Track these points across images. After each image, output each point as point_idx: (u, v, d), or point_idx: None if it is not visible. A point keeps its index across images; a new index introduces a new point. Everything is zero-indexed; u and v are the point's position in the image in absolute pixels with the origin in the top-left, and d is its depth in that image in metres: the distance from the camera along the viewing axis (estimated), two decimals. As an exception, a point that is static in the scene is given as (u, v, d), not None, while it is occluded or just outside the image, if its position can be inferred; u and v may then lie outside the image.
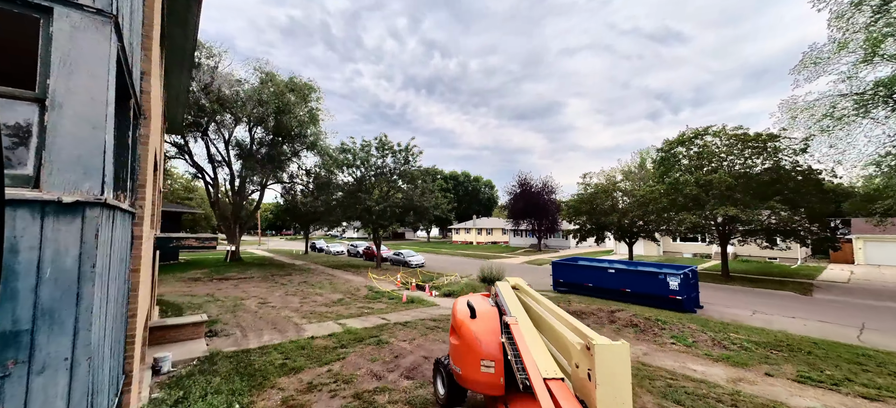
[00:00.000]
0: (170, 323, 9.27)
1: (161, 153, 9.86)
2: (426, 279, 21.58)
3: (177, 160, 31.92)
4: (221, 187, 32.17)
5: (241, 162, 31.37)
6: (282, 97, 29.72)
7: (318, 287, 19.45)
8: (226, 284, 20.57)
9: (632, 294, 16.49)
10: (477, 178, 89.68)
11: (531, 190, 49.65)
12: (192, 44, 8.34)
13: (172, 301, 15.40)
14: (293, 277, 23.28)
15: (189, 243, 9.77)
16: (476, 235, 68.85)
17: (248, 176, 31.52)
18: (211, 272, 25.42)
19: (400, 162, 28.44)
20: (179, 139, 28.70)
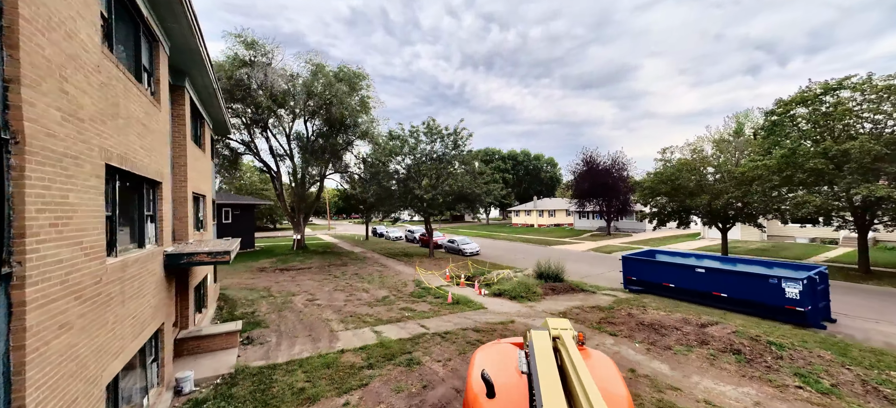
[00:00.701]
0: (203, 333, 9.17)
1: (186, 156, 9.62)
2: (478, 272, 20.14)
3: (246, 156, 34.21)
4: (285, 179, 33.91)
5: (300, 154, 32.60)
6: (331, 87, 29.88)
7: (368, 281, 19.17)
8: (285, 275, 21.39)
9: (729, 300, 13.22)
10: (538, 156, 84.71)
11: (598, 167, 44.75)
12: (194, 39, 7.64)
13: (232, 295, 16.11)
14: (347, 268, 23.54)
15: (200, 259, 9.46)
16: (537, 217, 65.28)
17: (306, 168, 32.69)
18: (277, 262, 26.98)
19: (448, 147, 26.96)
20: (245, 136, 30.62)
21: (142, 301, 5.68)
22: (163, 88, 7.18)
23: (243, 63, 26.38)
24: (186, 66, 9.12)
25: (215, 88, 10.83)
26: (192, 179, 10.12)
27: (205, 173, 12.23)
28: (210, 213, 13.44)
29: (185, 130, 9.48)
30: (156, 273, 6.43)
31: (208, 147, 13.26)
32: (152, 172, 6.33)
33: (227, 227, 33.36)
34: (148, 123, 6.14)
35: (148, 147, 6.08)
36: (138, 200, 6.09)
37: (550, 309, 13.49)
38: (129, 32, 5.82)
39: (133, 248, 5.78)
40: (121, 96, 4.95)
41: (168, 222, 7.28)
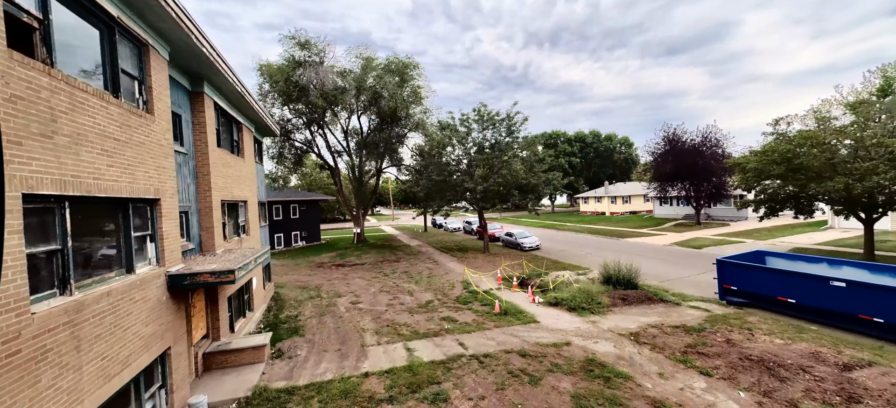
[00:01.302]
0: (231, 347, 8.93)
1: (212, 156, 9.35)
2: (533, 273, 18.06)
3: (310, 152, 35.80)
4: (343, 174, 34.85)
5: (356, 149, 33.10)
6: (381, 80, 29.49)
7: (415, 281, 18.34)
8: (338, 272, 21.63)
9: (887, 327, 9.50)
10: (609, 136, 76.87)
11: (683, 145, 38.31)
12: (194, 41, 7.01)
13: (284, 295, 16.45)
14: (398, 265, 23.09)
15: (204, 279, 8.87)
16: (609, 204, 59.28)
17: (362, 162, 33.11)
18: (336, 256, 27.77)
19: (502, 134, 24.81)
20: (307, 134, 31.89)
21: (122, 336, 5.14)
22: (159, 96, 6.66)
23: (298, 64, 27.14)
24: (202, 71, 8.73)
25: (241, 92, 10.46)
26: (221, 187, 9.90)
27: (243, 178, 12.19)
28: (254, 216, 13.55)
29: (207, 136, 9.18)
30: (151, 298, 5.95)
31: (249, 150, 13.27)
32: (139, 191, 5.79)
33: (295, 222, 35.50)
34: (127, 136, 5.55)
35: (127, 163, 5.50)
36: (123, 222, 5.58)
37: (618, 327, 11.11)
38: (94, 36, 5.20)
39: (114, 277, 5.26)
40: (62, 110, 4.26)
41: (173, 239, 6.85)
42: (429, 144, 27.56)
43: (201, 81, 9.06)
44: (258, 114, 12.95)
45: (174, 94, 8.18)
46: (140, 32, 6.06)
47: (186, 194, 8.40)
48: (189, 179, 8.62)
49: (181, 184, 8.19)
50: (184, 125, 8.51)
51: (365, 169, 34.22)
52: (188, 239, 8.44)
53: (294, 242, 35.27)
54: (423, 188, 27.52)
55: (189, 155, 8.70)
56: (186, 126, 8.66)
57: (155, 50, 6.61)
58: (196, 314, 8.61)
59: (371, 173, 36.46)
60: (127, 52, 5.92)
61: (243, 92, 10.71)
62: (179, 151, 8.15)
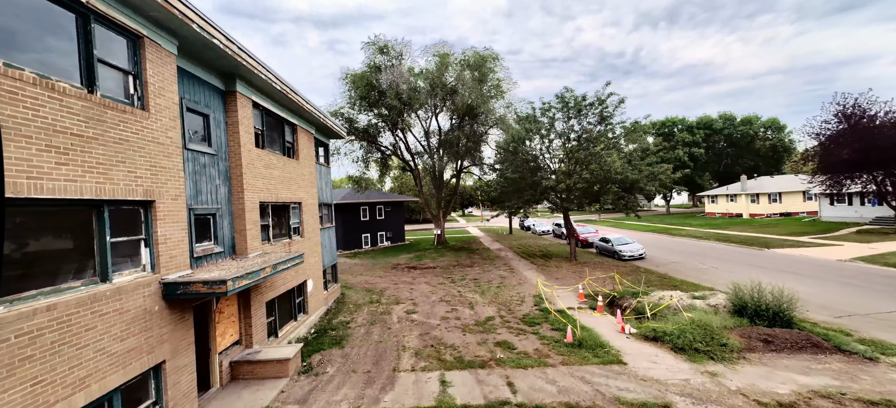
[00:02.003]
0: (257, 358, 8.46)
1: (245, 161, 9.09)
2: (628, 291, 14.30)
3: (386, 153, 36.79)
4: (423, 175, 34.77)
5: (435, 150, 32.60)
6: (457, 76, 28.26)
7: (481, 291, 16.37)
8: (408, 276, 20.99)
9: None
10: (748, 119, 61.59)
11: (873, 122, 27.31)
12: (203, 34, 6.51)
13: (348, 298, 16.30)
14: (471, 270, 21.38)
15: (196, 289, 8.27)
16: (747, 203, 47.10)
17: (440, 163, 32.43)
18: (412, 258, 27.54)
19: (592, 122, 20.97)
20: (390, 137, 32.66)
21: (75, 355, 4.61)
22: (159, 91, 6.28)
23: (377, 68, 27.76)
24: (232, 69, 8.46)
25: (282, 90, 10.14)
26: (260, 188, 9.65)
27: (295, 180, 12.05)
28: (312, 219, 13.47)
29: (240, 137, 8.93)
30: (130, 309, 5.47)
31: (306, 152, 13.22)
32: (118, 192, 5.33)
33: (380, 223, 36.84)
34: (99, 132, 5.09)
35: (96, 162, 5.03)
36: (98, 227, 5.15)
37: (757, 388, 7.35)
38: (59, 22, 4.79)
39: (69, 288, 4.78)
40: (-27, 100, 3.74)
41: (176, 244, 6.42)
42: (505, 140, 25.18)
43: (234, 80, 8.85)
44: (313, 115, 12.76)
45: (200, 93, 8.01)
46: (125, 21, 5.66)
47: (213, 196, 8.17)
48: (218, 180, 8.40)
49: (206, 185, 7.96)
50: (212, 125, 8.32)
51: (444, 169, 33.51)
52: (216, 242, 8.20)
53: (380, 242, 36.63)
54: (497, 187, 25.24)
55: (219, 156, 8.50)
56: (216, 126, 8.49)
57: (154, 42, 6.24)
58: (224, 320, 8.34)
59: (453, 174, 35.68)
60: (111, 42, 5.54)
61: (286, 90, 10.40)
62: (203, 152, 7.92)
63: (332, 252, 16.23)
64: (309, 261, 12.95)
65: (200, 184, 7.77)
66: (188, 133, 7.50)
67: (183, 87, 7.45)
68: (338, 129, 16.00)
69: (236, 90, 8.90)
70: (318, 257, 13.88)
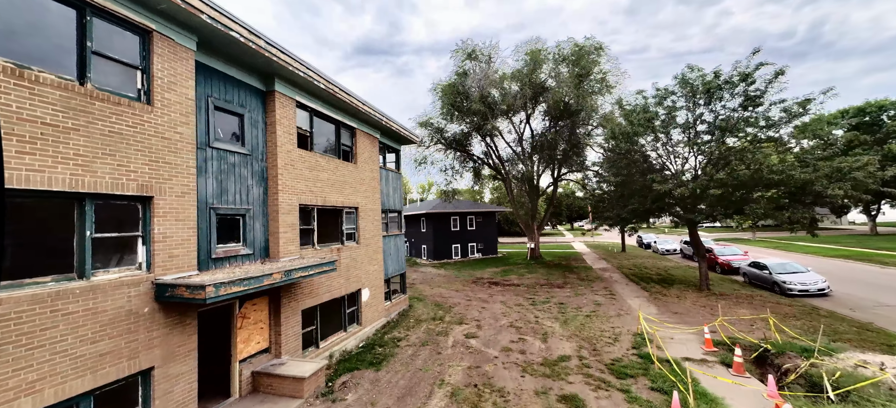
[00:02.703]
0: (276, 372, 7.81)
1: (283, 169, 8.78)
2: (795, 347, 9.41)
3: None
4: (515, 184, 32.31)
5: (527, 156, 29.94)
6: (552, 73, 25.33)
7: (564, 319, 13.32)
8: (486, 292, 18.99)
9: None
10: None
11: None
12: (219, 29, 6.24)
13: (412, 310, 15.28)
14: (560, 292, 18.13)
15: (180, 293, 7.73)
16: None
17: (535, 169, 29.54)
18: (498, 272, 25.34)
19: (734, 107, 15.62)
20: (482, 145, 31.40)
21: (31, 355, 4.34)
22: (168, 86, 6.13)
23: (465, 74, 26.90)
24: (268, 68, 8.25)
25: (329, 90, 9.72)
26: (301, 191, 9.28)
27: (349, 184, 11.60)
28: (372, 225, 12.90)
29: (277, 137, 8.67)
30: (108, 310, 5.17)
31: (366, 155, 12.77)
32: (103, 186, 5.13)
33: (471, 233, 35.60)
34: (81, 123, 4.94)
35: (74, 154, 4.86)
36: (78, 220, 4.99)
37: None
38: (50, 12, 4.78)
39: (35, 283, 4.60)
40: None
41: (178, 243, 6.14)
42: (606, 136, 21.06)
43: (272, 79, 8.67)
44: (371, 117, 12.25)
45: (234, 93, 7.94)
46: (128, 15, 5.57)
47: (242, 196, 7.96)
48: (250, 180, 8.21)
49: (235, 185, 7.78)
50: (246, 125, 8.20)
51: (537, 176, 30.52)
52: (244, 244, 7.95)
53: (470, 253, 35.35)
54: (599, 195, 21.13)
55: (253, 156, 8.33)
56: (252, 126, 8.35)
57: (165, 37, 6.14)
58: (249, 326, 7.98)
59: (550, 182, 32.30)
60: (112, 35, 5.49)
61: (333, 89, 9.97)
62: (233, 151, 7.77)
63: (398, 261, 15.51)
64: (366, 269, 12.32)
65: (227, 183, 7.59)
66: (213, 131, 7.39)
67: (211, 86, 7.40)
68: (407, 133, 15.34)
69: (274, 90, 8.70)
70: (378, 266, 13.21)
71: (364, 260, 12.29)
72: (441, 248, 33.74)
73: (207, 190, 7.16)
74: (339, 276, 10.86)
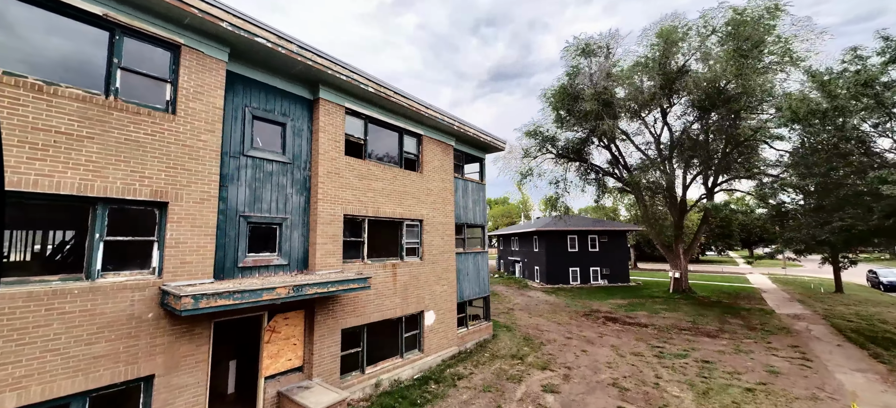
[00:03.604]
0: (294, 397, 7.06)
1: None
2: None
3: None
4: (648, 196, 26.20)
5: (663, 161, 23.89)
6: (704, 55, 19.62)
7: (703, 390, 8.99)
8: (596, 330, 15.19)
9: None
10: None
11: None
12: (252, 39, 6.25)
13: (493, 342, 13.13)
14: (707, 344, 12.90)
15: (169, 302, 7.34)
16: None
17: (672, 177, 23.30)
18: (623, 306, 20.45)
19: None
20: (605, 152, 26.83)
21: (19, 350, 4.56)
22: (193, 96, 6.29)
23: (578, 72, 23.45)
24: (310, 76, 8.07)
25: (380, 94, 9.10)
26: (344, 200, 8.77)
27: (410, 194, 10.66)
28: (442, 239, 11.62)
29: (318, 144, 8.36)
30: (109, 313, 5.24)
31: (435, 164, 11.69)
32: (115, 191, 5.35)
33: (593, 256, 30.54)
34: (95, 131, 5.25)
35: (87, 160, 5.15)
36: (92, 223, 5.26)
37: None
38: (83, 34, 5.28)
39: (55, 281, 4.89)
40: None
41: (191, 250, 6.09)
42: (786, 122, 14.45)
43: (317, 87, 8.47)
44: (439, 122, 11.18)
45: (275, 102, 7.95)
46: (156, 31, 5.89)
47: (279, 205, 7.78)
48: (290, 189, 8.01)
49: (271, 194, 7.66)
50: (288, 134, 8.10)
51: (682, 187, 24.08)
52: (278, 254, 7.70)
53: (592, 279, 30.18)
54: (770, 210, 14.54)
55: (295, 164, 8.16)
56: (295, 135, 8.23)
57: (193, 50, 6.36)
58: (280, 341, 7.60)
59: (703, 193, 25.04)
60: (141, 51, 5.86)
61: (386, 93, 9.30)
62: (270, 160, 7.69)
63: (479, 282, 13.68)
64: (432, 289, 11.04)
65: (262, 191, 7.50)
66: (250, 140, 7.42)
67: (249, 96, 7.51)
68: (490, 140, 13.67)
69: (319, 97, 8.47)
70: (448, 286, 11.75)
71: (429, 279, 11.02)
72: (555, 271, 29.89)
73: (239, 198, 7.15)
74: (395, 294, 9.85)
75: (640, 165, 25.20)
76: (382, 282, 9.56)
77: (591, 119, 21.67)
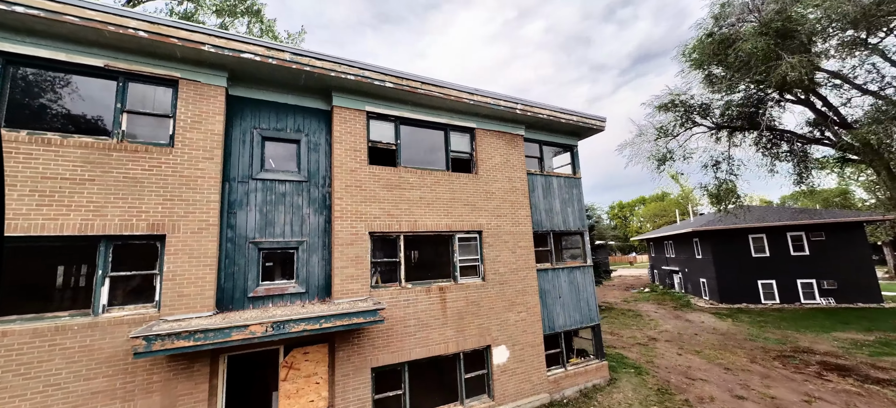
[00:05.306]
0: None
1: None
2: None
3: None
4: None
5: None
6: None
7: None
8: (798, 389, 9.54)
9: None
10: None
11: None
12: (249, 62, 6.08)
13: (614, 388, 9.53)
14: None
15: (132, 341, 6.55)
16: None
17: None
18: (852, 344, 12.77)
19: None
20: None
21: (26, 385, 4.92)
22: (190, 126, 6.29)
23: (729, 5, 16.70)
24: (320, 84, 7.41)
25: (403, 88, 7.80)
26: (369, 216, 7.70)
27: (459, 200, 8.79)
28: (503, 255, 9.21)
29: (333, 157, 7.56)
30: (107, 348, 5.33)
31: (495, 161, 9.49)
32: (112, 228, 5.57)
33: (800, 262, 20.95)
34: (100, 174, 5.59)
35: (89, 202, 5.48)
36: (99, 259, 5.55)
37: None
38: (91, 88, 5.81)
39: (65, 317, 5.26)
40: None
41: (190, 281, 5.89)
42: None
43: (329, 95, 7.73)
44: (499, 110, 9.07)
45: (287, 119, 7.54)
46: (151, 70, 6.13)
47: (295, 228, 7.17)
48: (306, 209, 7.35)
49: (285, 216, 7.13)
50: (303, 150, 7.53)
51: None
52: (296, 281, 7.05)
53: (801, 297, 20.55)
54: None
55: (311, 182, 7.49)
56: (311, 150, 7.60)
57: (191, 81, 6.42)
58: (299, 378, 6.81)
59: None
60: (141, 92, 6.16)
61: (416, 87, 7.93)
62: (282, 180, 7.21)
63: (580, 307, 10.35)
64: (500, 317, 8.75)
65: (273, 215, 7.04)
66: (260, 161, 7.11)
67: (259, 117, 7.26)
68: (580, 120, 10.54)
69: (333, 105, 7.70)
70: (526, 313, 9.15)
71: (495, 305, 8.74)
72: (732, 284, 21.73)
73: (249, 223, 6.83)
74: (445, 325, 8.03)
75: (873, 115, 15.80)
76: (425, 310, 7.89)
77: (760, 64, 14.80)
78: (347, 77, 7.31)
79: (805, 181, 19.92)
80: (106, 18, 5.48)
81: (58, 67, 5.72)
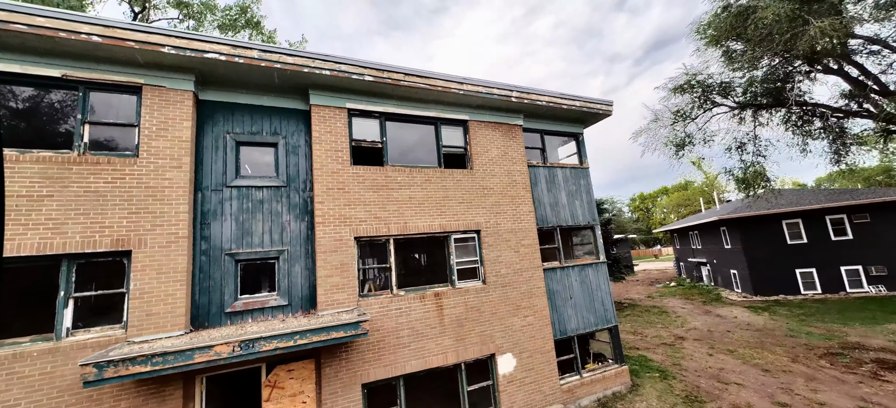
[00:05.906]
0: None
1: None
2: None
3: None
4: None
5: None
6: None
7: None
8: (853, 396, 8.35)
9: None
10: None
11: None
12: (216, 62, 5.73)
13: (636, 395, 8.65)
14: None
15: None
16: None
17: None
18: (893, 336, 11.26)
19: None
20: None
21: (-13, 413, 4.60)
22: (155, 134, 5.95)
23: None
24: (296, 82, 6.98)
25: (384, 81, 7.28)
26: (354, 219, 7.19)
27: (453, 199, 8.18)
28: (505, 255, 8.52)
29: (313, 159, 7.08)
30: (68, 375, 4.98)
31: (492, 154, 8.84)
32: (73, 246, 5.24)
33: (841, 247, 19.21)
34: (59, 190, 5.28)
35: (47, 219, 5.18)
36: (58, 280, 5.23)
37: None
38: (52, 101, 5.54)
39: (26, 342, 4.94)
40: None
41: (158, 299, 5.51)
42: None
43: (306, 93, 7.28)
44: (493, 99, 8.43)
45: (262, 122, 7.13)
46: (114, 78, 5.82)
47: (274, 237, 6.73)
48: (286, 216, 6.90)
49: (263, 225, 6.70)
50: (281, 153, 7.10)
51: None
52: (277, 292, 6.59)
53: (845, 286, 18.77)
54: None
55: (291, 187, 7.05)
56: (290, 153, 7.17)
57: (155, 87, 6.08)
58: (284, 397, 6.32)
59: None
60: (103, 101, 5.85)
61: (399, 80, 7.40)
62: (259, 186, 6.79)
63: (595, 307, 9.50)
64: (504, 323, 8.06)
65: (251, 224, 6.62)
66: (235, 168, 6.71)
67: (232, 122, 6.87)
68: (584, 105, 9.77)
69: (311, 104, 7.24)
70: (535, 317, 8.41)
71: (498, 309, 8.05)
72: (766, 275, 20.14)
73: (224, 234, 6.41)
74: (442, 334, 7.41)
75: (919, 81, 14.14)
76: (420, 318, 7.29)
77: (785, 33, 13.53)
78: (323, 72, 6.85)
79: (843, 159, 18.23)
80: (57, 24, 5.19)
81: (11, 80, 5.46)
